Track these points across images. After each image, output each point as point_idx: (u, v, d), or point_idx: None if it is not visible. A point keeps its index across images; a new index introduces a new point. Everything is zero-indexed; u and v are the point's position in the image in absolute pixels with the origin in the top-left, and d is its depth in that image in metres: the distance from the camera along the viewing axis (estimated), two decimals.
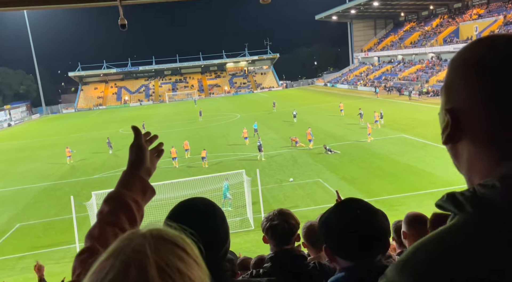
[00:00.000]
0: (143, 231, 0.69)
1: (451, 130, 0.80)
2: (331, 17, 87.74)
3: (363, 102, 51.88)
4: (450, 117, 0.79)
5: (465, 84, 0.77)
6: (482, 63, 0.76)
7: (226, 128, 42.25)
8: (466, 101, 0.77)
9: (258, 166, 24.65)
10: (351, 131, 33.91)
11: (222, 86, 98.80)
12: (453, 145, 0.82)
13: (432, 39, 68.30)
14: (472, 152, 0.78)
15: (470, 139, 0.78)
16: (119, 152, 34.76)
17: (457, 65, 0.80)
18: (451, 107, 0.80)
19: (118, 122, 57.14)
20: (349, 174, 22.50)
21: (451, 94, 0.80)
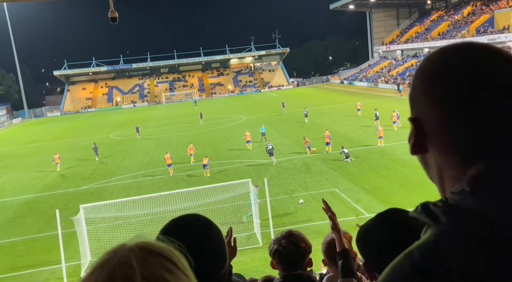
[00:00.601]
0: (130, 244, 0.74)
1: (415, 140, 0.89)
2: (348, 6, 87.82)
3: (384, 101, 51.74)
4: (414, 126, 0.89)
5: (424, 93, 0.87)
6: (438, 72, 0.86)
7: (230, 132, 42.35)
8: (426, 109, 0.87)
9: (266, 175, 24.65)
10: (370, 134, 33.81)
11: (225, 85, 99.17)
12: (421, 155, 0.91)
13: (463, 29, 68.04)
14: (439, 160, 0.88)
15: (435, 148, 0.87)
16: (109, 159, 34.97)
17: (417, 75, 0.91)
18: (415, 116, 0.90)
19: (109, 127, 57.55)
20: (369, 183, 22.41)
21: (414, 103, 0.91)
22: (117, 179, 28.70)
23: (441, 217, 0.79)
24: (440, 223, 0.79)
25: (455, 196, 0.80)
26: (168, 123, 55.03)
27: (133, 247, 0.73)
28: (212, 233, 1.57)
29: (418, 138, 0.89)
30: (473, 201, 0.78)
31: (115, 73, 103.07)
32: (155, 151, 36.98)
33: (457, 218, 0.78)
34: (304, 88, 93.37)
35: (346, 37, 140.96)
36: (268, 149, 28.16)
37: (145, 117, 64.38)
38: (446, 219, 0.78)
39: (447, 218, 0.78)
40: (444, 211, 0.80)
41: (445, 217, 0.79)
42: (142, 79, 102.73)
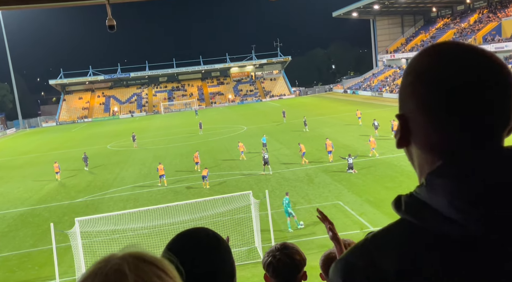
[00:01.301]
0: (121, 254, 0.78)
1: (401, 135, 1.00)
2: (351, 13, 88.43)
3: (389, 111, 51.81)
4: (400, 122, 1.00)
5: (411, 91, 0.97)
6: (422, 71, 0.95)
7: (230, 142, 42.38)
8: (411, 107, 0.97)
9: (267, 187, 24.62)
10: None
11: (225, 94, 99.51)
12: (406, 149, 1.03)
13: (469, 37, 68.41)
14: (419, 155, 0.99)
15: (417, 143, 0.98)
16: (105, 170, 34.98)
17: (405, 73, 1.00)
18: (401, 113, 1.00)
19: (106, 137, 57.65)
20: (374, 195, 22.38)
21: (401, 101, 1.01)
22: (114, 191, 28.67)
23: (402, 207, 0.93)
24: (401, 212, 0.93)
25: (418, 189, 0.94)
26: (167, 133, 55.12)
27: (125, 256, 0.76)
28: (221, 249, 1.56)
29: (403, 134, 0.99)
30: (425, 194, 0.90)
31: (113, 82, 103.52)
32: (153, 162, 36.96)
33: (411, 210, 0.91)
34: (306, 97, 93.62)
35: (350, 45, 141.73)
36: (264, 158, 28.62)
37: (143, 127, 64.50)
38: (405, 210, 0.93)
39: (405, 209, 0.92)
40: (406, 201, 0.93)
41: (404, 206, 0.93)
42: (140, 88, 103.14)
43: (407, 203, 0.93)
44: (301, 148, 30.65)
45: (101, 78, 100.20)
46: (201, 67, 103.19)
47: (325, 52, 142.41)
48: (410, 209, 0.92)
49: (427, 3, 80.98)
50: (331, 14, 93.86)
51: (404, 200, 0.94)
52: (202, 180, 27.16)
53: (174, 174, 31.61)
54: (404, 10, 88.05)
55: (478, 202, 0.84)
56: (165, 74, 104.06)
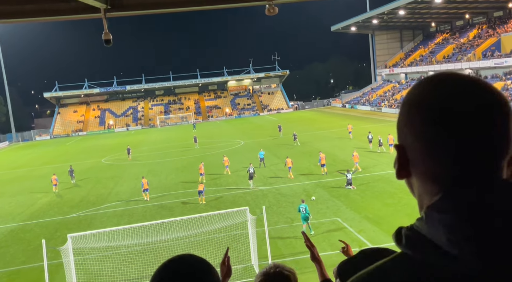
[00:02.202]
0: None
1: (399, 165, 0.99)
2: (350, 28, 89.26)
3: (388, 126, 51.97)
4: (398, 152, 0.99)
5: (408, 121, 0.96)
6: (418, 100, 0.95)
7: (228, 156, 42.36)
8: (409, 137, 0.96)
9: (264, 202, 24.56)
10: (373, 160, 33.89)
11: (222, 107, 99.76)
12: (407, 180, 1.02)
13: (469, 52, 69.04)
14: (419, 186, 0.98)
15: (416, 173, 0.97)
16: (99, 185, 34.84)
17: (403, 103, 1.00)
18: (399, 144, 1.00)
19: (100, 151, 57.55)
20: (373, 212, 22.32)
21: (399, 131, 1.00)
22: (107, 207, 28.52)
23: (403, 240, 0.93)
24: (402, 246, 0.93)
25: (418, 222, 0.93)
26: (163, 147, 55.08)
27: None
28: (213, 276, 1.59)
29: (401, 164, 0.99)
30: (425, 229, 0.90)
31: (108, 95, 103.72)
32: (148, 176, 36.79)
33: (410, 244, 0.91)
34: (304, 111, 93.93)
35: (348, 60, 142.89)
36: (250, 172, 29.47)
37: (139, 141, 64.46)
38: (405, 242, 0.92)
39: (406, 242, 0.92)
40: (407, 234, 0.93)
41: (405, 240, 0.92)
42: (136, 102, 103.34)
43: (408, 236, 0.92)
44: (287, 162, 31.34)
45: (97, 91, 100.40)
46: (198, 80, 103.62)
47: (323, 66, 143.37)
48: (410, 243, 0.91)
49: (426, 18, 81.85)
50: (330, 29, 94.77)
51: (404, 234, 0.93)
52: (198, 195, 27.08)
53: (169, 189, 31.51)
54: (403, 25, 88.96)
55: (475, 237, 0.83)
56: (161, 87, 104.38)
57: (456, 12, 75.96)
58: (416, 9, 72.26)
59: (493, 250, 0.82)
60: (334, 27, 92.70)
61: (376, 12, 76.42)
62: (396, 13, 74.80)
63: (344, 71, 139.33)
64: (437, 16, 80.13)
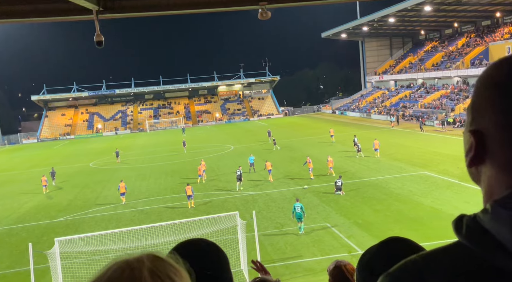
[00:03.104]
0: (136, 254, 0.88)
1: (475, 153, 0.90)
2: (340, 34, 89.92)
3: (377, 133, 52.33)
4: (474, 139, 0.89)
5: (490, 105, 0.87)
6: (507, 83, 0.85)
7: (217, 161, 42.34)
8: (491, 122, 0.87)
9: (254, 207, 24.55)
10: (363, 166, 34.08)
11: (212, 112, 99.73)
12: (476, 169, 0.93)
13: (457, 61, 69.85)
14: (493, 176, 0.89)
15: (492, 163, 0.89)
16: (87, 189, 34.59)
17: (483, 84, 0.90)
18: (476, 128, 0.90)
19: (88, 155, 57.18)
20: (362, 218, 22.42)
21: (476, 114, 0.90)
22: (95, 211, 28.33)
23: (463, 230, 0.86)
24: (460, 235, 0.87)
25: (481, 214, 0.86)
26: (151, 151, 54.88)
27: (142, 254, 0.88)
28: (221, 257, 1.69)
29: (478, 152, 0.90)
30: (489, 223, 0.83)
31: (97, 99, 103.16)
32: (137, 181, 36.69)
33: (471, 236, 0.85)
34: (294, 117, 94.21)
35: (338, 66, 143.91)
36: (237, 174, 30.24)
37: (127, 145, 64.13)
38: (465, 233, 0.86)
39: (466, 232, 0.86)
40: (466, 225, 0.86)
41: (466, 230, 0.86)
42: (125, 106, 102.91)
43: (469, 227, 0.86)
44: (266, 166, 32.48)
45: (85, 94, 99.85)
46: (188, 85, 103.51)
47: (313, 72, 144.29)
48: (471, 235, 0.85)
49: (415, 25, 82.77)
50: (320, 35, 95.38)
51: (466, 223, 0.87)
52: (187, 199, 27.01)
53: (158, 193, 31.39)
54: (392, 33, 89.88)
55: None
56: (151, 92, 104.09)
57: (445, 21, 76.92)
58: (406, 17, 73.06)
59: None
60: (324, 33, 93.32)
61: (366, 19, 77.08)
62: (386, 21, 75.55)
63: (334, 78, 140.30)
64: (427, 24, 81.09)
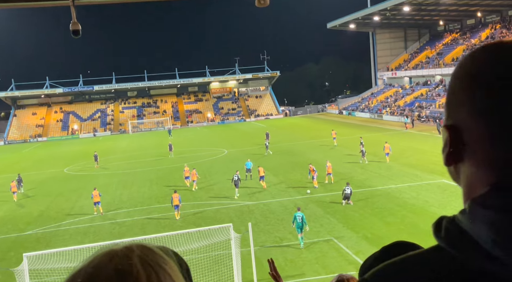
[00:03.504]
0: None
1: (451, 149, 0.94)
2: (348, 25, 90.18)
3: (388, 136, 52.42)
4: (449, 134, 0.94)
5: (467, 98, 0.90)
6: (485, 73, 0.88)
7: (209, 167, 42.33)
8: (467, 116, 0.90)
9: (250, 219, 24.53)
10: (373, 173, 34.11)
11: (204, 112, 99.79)
12: (454, 167, 0.97)
13: None
14: (472, 173, 0.93)
15: (470, 160, 0.92)
16: (61, 198, 34.51)
17: (458, 76, 0.94)
18: (451, 123, 0.94)
19: (63, 159, 57.07)
20: (372, 231, 22.42)
21: (452, 109, 0.95)
22: (70, 223, 28.28)
23: (441, 233, 0.91)
24: (440, 237, 0.91)
25: (460, 215, 0.90)
26: (134, 156, 54.80)
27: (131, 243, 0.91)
28: None
29: (454, 148, 0.93)
30: (467, 224, 0.87)
31: (73, 96, 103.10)
32: (117, 189, 36.63)
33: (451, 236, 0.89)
34: (296, 118, 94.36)
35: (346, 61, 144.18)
36: (234, 180, 30.74)
37: (107, 149, 64.03)
38: (444, 235, 0.90)
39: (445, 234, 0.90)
40: (447, 227, 0.90)
41: (444, 232, 0.90)
42: (105, 104, 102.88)
43: (447, 229, 0.90)
44: (259, 171, 33.10)
45: (60, 91, 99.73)
46: (177, 81, 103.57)
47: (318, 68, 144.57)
48: (449, 237, 0.89)
49: (433, 15, 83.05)
50: (326, 26, 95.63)
51: (444, 225, 0.91)
52: (174, 209, 27.01)
53: (142, 203, 31.35)
54: (407, 23, 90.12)
55: None
56: (134, 88, 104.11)
57: (467, 10, 77.24)
58: (423, 5, 73.32)
59: None
60: (330, 24, 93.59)
61: (377, 8, 77.37)
62: (400, 10, 75.83)
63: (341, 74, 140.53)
64: (446, 13, 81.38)
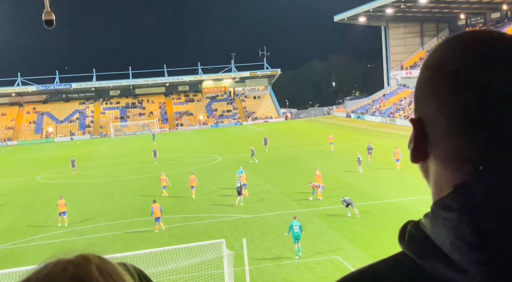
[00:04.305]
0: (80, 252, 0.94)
1: (415, 144, 0.98)
2: (358, 18, 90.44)
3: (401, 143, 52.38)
4: (414, 128, 0.98)
5: (430, 88, 0.96)
6: (449, 64, 0.94)
7: (200, 176, 42.11)
8: (432, 109, 0.95)
9: (245, 234, 24.51)
10: (384, 184, 34.13)
11: (195, 114, 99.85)
12: (422, 164, 1.01)
13: None
14: (438, 171, 0.97)
15: (435, 155, 0.97)
16: (32, 210, 34.46)
17: (425, 68, 1.00)
18: (417, 116, 0.99)
19: (35, 166, 57.04)
20: (382, 249, 22.37)
21: (417, 101, 1.00)
22: (42, 237, 28.21)
23: (405, 236, 0.95)
24: (403, 243, 0.95)
25: (423, 218, 0.94)
26: (117, 162, 54.81)
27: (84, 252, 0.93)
28: None
29: (418, 142, 0.98)
30: (429, 227, 0.91)
31: (48, 95, 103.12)
32: (97, 199, 36.59)
33: (413, 242, 0.93)
34: (298, 121, 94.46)
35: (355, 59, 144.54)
36: (237, 187, 31.68)
37: (86, 154, 63.99)
38: (407, 240, 0.94)
39: (408, 239, 0.94)
40: (410, 231, 0.94)
41: (408, 238, 0.94)
42: (85, 104, 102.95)
43: (411, 234, 0.93)
44: (241, 178, 33.73)
45: (33, 89, 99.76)
46: (165, 79, 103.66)
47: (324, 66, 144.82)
48: (411, 242, 0.93)
49: (453, 8, 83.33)
50: (333, 19, 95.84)
51: (409, 230, 0.94)
52: (155, 222, 27.30)
53: (124, 216, 31.30)
54: (424, 16, 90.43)
55: (483, 244, 0.83)
56: (117, 87, 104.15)
57: (491, 2, 77.56)
58: None
59: (502, 261, 0.82)
60: (337, 16, 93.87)
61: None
62: (416, 1, 76.17)
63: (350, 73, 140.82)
64: (468, 6, 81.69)
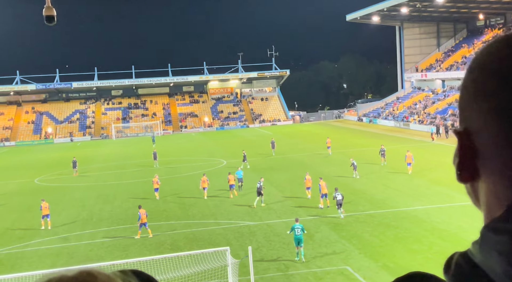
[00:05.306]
0: None
1: (461, 160, 0.88)
2: (371, 17, 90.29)
3: (415, 148, 52.29)
4: (460, 141, 0.88)
5: (480, 92, 0.85)
6: (502, 61, 0.84)
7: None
8: (480, 119, 0.85)
9: (251, 242, 24.46)
10: (395, 191, 34.00)
11: (200, 116, 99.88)
12: (471, 185, 0.91)
13: None
14: (490, 191, 0.86)
15: (486, 171, 0.86)
16: (29, 214, 34.53)
17: (471, 70, 0.90)
18: (462, 127, 0.89)
19: (33, 168, 57.20)
20: (394, 260, 22.32)
21: (463, 109, 0.90)
22: (39, 242, 28.26)
23: (451, 266, 0.87)
24: (448, 274, 0.87)
25: (472, 246, 0.85)
26: (118, 165, 54.91)
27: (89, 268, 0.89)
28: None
29: (464, 158, 0.88)
30: (478, 254, 0.83)
31: (47, 94, 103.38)
32: (97, 203, 36.63)
33: (460, 272, 0.85)
34: (307, 124, 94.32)
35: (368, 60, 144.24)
36: (257, 187, 32.58)
37: (87, 157, 64.05)
38: (453, 271, 0.86)
39: (454, 270, 0.86)
40: (457, 261, 0.86)
41: (454, 268, 0.86)
42: (85, 104, 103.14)
43: (458, 264, 0.86)
44: (229, 179, 35.70)
45: (32, 88, 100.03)
46: (169, 78, 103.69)
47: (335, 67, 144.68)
48: (459, 273, 0.85)
49: (472, 8, 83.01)
50: (345, 18, 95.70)
51: (455, 260, 0.87)
52: (140, 227, 27.66)
53: (124, 221, 31.33)
54: (441, 16, 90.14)
55: None
56: (120, 86, 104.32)
57: (511, 2, 77.15)
58: None
59: None
60: (350, 16, 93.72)
61: None
62: (432, 0, 75.95)
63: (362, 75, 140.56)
64: (487, 6, 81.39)
